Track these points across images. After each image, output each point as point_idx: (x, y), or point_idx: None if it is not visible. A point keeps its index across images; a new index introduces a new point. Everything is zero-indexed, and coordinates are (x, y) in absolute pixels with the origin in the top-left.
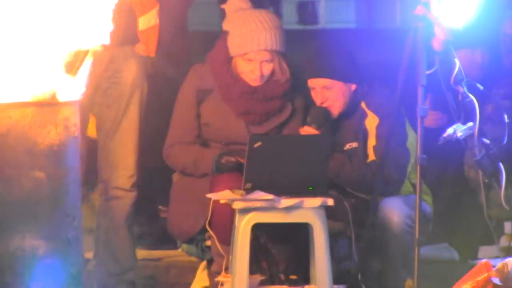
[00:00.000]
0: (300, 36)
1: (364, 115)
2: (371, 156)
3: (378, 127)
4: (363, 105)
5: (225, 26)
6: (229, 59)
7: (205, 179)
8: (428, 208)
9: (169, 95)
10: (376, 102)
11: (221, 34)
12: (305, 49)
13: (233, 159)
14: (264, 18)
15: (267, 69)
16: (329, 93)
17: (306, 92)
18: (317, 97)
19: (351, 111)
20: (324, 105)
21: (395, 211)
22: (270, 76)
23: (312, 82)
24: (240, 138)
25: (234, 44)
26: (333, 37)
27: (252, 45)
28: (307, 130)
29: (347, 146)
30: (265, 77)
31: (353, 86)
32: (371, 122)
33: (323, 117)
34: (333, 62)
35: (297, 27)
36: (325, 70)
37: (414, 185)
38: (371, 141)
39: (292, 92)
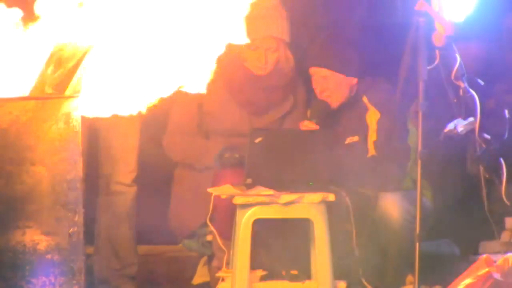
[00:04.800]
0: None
1: (365, 110)
2: (371, 151)
3: (379, 122)
4: (364, 99)
5: None
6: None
7: (206, 174)
8: (428, 203)
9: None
10: (378, 97)
11: None
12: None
13: (236, 155)
14: (271, 6)
15: (272, 57)
16: (328, 84)
17: (308, 85)
18: (316, 86)
19: (352, 105)
20: (323, 95)
21: (394, 206)
22: (275, 66)
23: (312, 71)
24: (242, 129)
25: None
26: (340, 29)
27: (259, 31)
28: (308, 125)
29: (348, 140)
30: (269, 65)
31: (354, 80)
32: (372, 116)
33: (323, 111)
34: (335, 54)
35: None
36: (326, 60)
37: (414, 181)
38: (372, 136)
39: (294, 84)
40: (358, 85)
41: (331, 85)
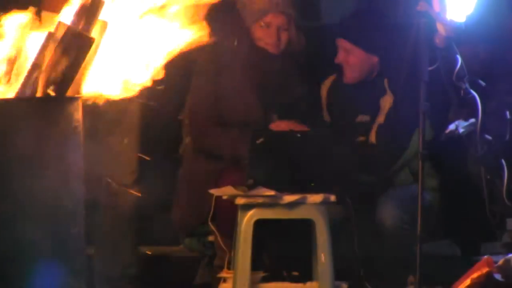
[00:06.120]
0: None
1: (382, 92)
2: (373, 135)
3: (391, 108)
4: (385, 82)
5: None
6: (245, 29)
7: (211, 172)
8: (428, 201)
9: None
10: (398, 82)
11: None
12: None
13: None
14: None
15: (283, 36)
16: (349, 57)
17: (314, 81)
18: (339, 57)
19: (372, 85)
20: (344, 67)
21: (388, 214)
22: (287, 47)
23: (338, 42)
24: (256, 115)
25: (252, 10)
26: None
27: (270, 6)
28: (279, 124)
29: (359, 118)
30: (281, 44)
31: (375, 59)
32: (387, 100)
33: (293, 109)
34: (361, 29)
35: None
36: (350, 34)
37: (414, 173)
38: (380, 119)
39: (305, 70)
40: (381, 67)
41: (351, 59)
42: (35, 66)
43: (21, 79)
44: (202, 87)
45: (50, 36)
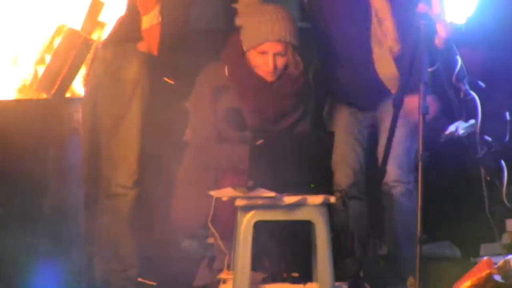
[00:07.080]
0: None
1: None
2: None
3: None
4: None
5: (238, 21)
6: (242, 54)
7: (209, 174)
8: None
9: (171, 94)
10: None
11: (233, 31)
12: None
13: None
14: (278, 10)
15: (280, 62)
16: None
17: (318, 92)
18: None
19: None
20: None
21: (393, 176)
22: (284, 71)
23: None
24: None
25: (248, 36)
26: None
27: (267, 35)
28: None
29: None
30: (278, 70)
31: None
32: None
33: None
34: None
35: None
36: None
37: None
38: None
39: (305, 91)
40: None
41: None
42: (36, 67)
43: (23, 80)
44: (201, 109)
45: (51, 37)
